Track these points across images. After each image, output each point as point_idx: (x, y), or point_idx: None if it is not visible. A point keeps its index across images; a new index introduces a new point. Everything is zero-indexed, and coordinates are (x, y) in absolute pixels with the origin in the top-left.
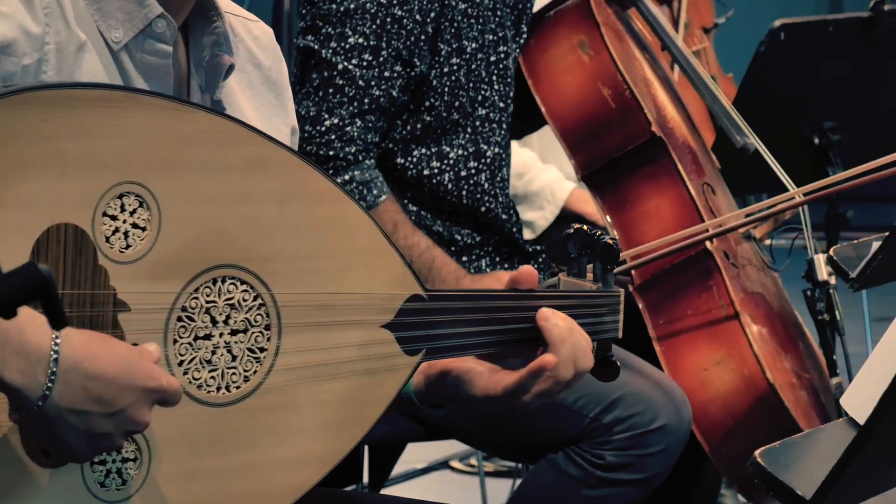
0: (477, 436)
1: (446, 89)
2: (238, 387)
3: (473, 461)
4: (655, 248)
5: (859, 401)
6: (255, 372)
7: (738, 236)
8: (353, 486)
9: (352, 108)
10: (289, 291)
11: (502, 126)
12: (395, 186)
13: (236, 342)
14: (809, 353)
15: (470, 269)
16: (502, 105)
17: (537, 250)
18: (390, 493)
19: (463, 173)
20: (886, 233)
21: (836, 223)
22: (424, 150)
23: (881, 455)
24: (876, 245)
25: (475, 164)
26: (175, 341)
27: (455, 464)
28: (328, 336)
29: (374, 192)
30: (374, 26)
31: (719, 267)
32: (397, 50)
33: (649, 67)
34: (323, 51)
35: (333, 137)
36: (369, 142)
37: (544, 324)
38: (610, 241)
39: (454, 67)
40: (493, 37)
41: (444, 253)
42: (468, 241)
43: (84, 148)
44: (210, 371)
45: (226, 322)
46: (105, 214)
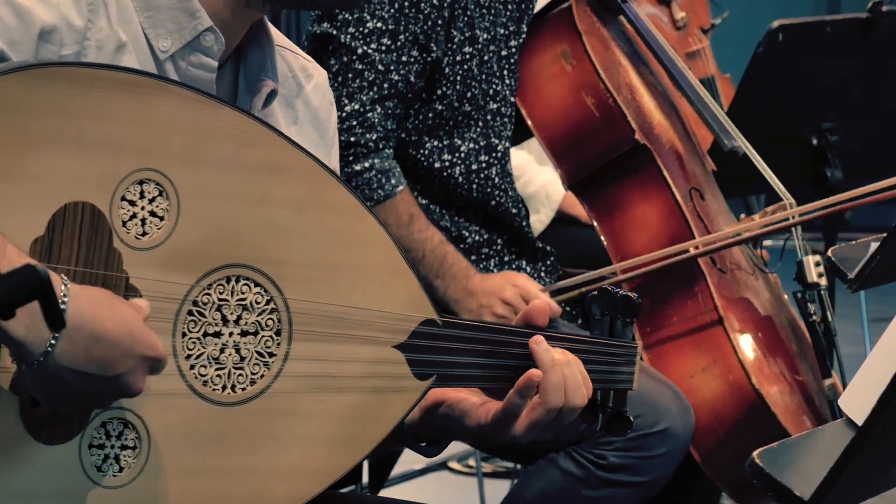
0: None
1: (458, 78)
2: (244, 388)
3: (472, 462)
4: (644, 263)
5: (857, 401)
6: (263, 375)
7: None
8: (352, 487)
9: (372, 93)
10: (302, 298)
11: (511, 121)
12: (406, 178)
13: (245, 343)
14: (803, 355)
15: (478, 269)
16: (512, 100)
17: (547, 251)
18: (388, 493)
19: (474, 167)
20: (885, 234)
21: (834, 224)
22: (436, 143)
23: (879, 456)
24: (874, 246)
25: (486, 158)
26: (184, 334)
27: (453, 464)
28: (338, 349)
29: (393, 181)
30: (392, 10)
31: (704, 273)
32: (414, 34)
33: (636, 73)
34: (341, 36)
35: (355, 123)
36: (389, 129)
37: (535, 347)
38: (631, 295)
39: (466, 56)
40: (504, 31)
41: (455, 249)
42: (476, 238)
43: (107, 129)
44: (217, 369)
45: (236, 322)
46: (124, 199)
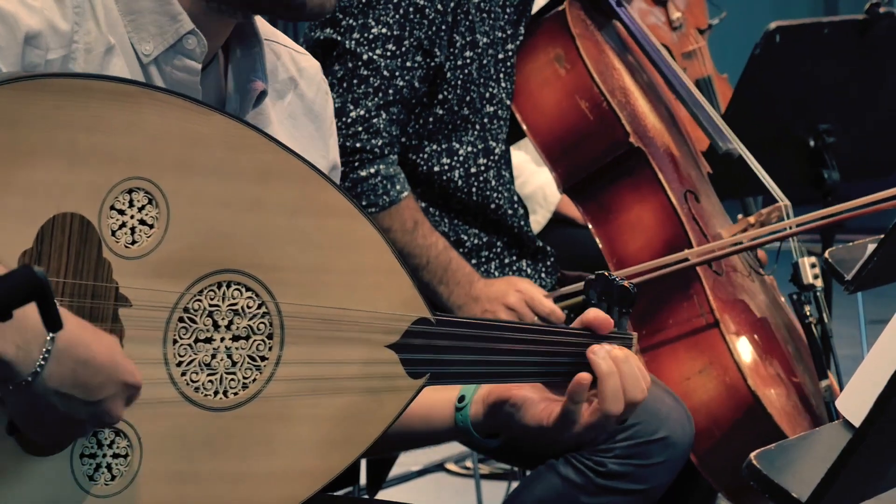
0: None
1: (459, 82)
2: (236, 393)
3: (469, 463)
4: (642, 272)
5: (855, 403)
6: (255, 380)
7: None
8: (349, 489)
9: (377, 98)
10: (294, 302)
11: (507, 124)
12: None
13: (237, 348)
14: (800, 357)
15: (478, 272)
16: (508, 103)
17: (547, 251)
18: (386, 495)
19: (472, 170)
20: (882, 235)
21: (831, 225)
22: (435, 146)
23: (876, 457)
24: (871, 248)
25: (484, 161)
26: (175, 341)
27: (450, 466)
28: (331, 351)
29: (398, 187)
30: (396, 16)
31: (699, 276)
32: (419, 40)
33: (630, 76)
34: (346, 42)
35: (360, 129)
36: (394, 135)
37: (592, 357)
38: (627, 284)
39: (467, 61)
40: (502, 34)
41: (459, 255)
42: (475, 241)
43: (96, 139)
44: (208, 375)
45: (228, 327)
46: (113, 208)
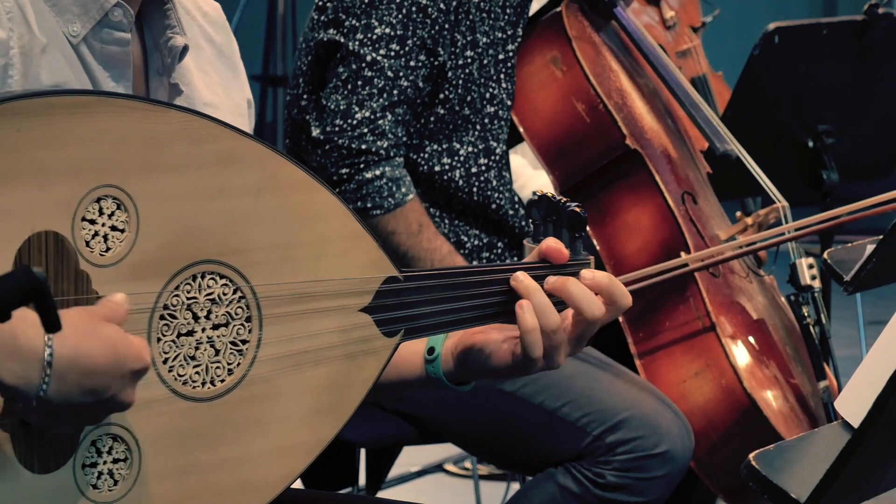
0: (475, 444)
1: (460, 82)
2: (223, 380)
3: (468, 464)
4: (641, 278)
5: (854, 404)
6: (239, 364)
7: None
8: (348, 489)
9: (382, 99)
10: (267, 283)
11: (507, 124)
12: None
13: (219, 336)
14: (798, 358)
15: None
16: (509, 103)
17: None
18: (385, 495)
19: (473, 170)
20: (881, 236)
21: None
22: (436, 146)
23: (876, 458)
24: (870, 248)
25: (485, 161)
26: (159, 339)
27: (449, 467)
28: (308, 324)
29: (403, 189)
30: (399, 16)
31: (696, 278)
32: (422, 39)
33: (627, 78)
34: (349, 43)
35: (366, 131)
36: (400, 136)
37: (513, 283)
38: (577, 209)
39: (468, 60)
40: (502, 34)
41: (464, 260)
42: (476, 242)
43: (60, 155)
44: (194, 367)
45: (207, 317)
46: (84, 219)
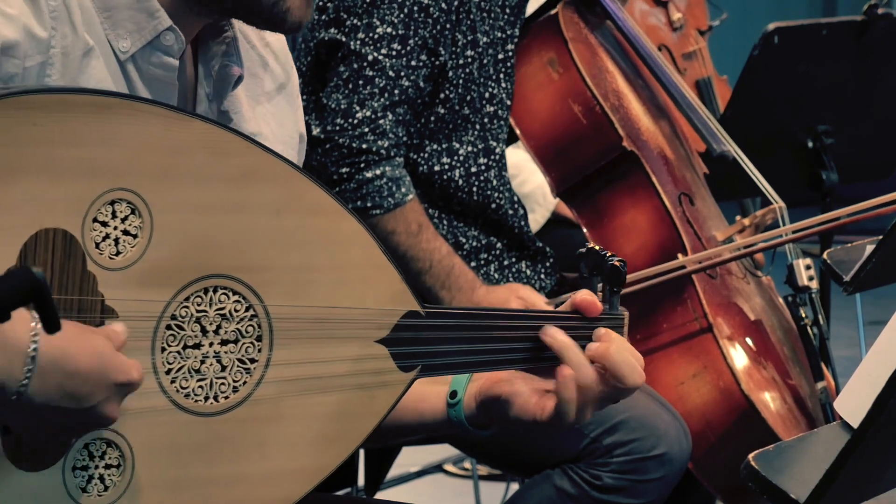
0: (474, 446)
1: (461, 81)
2: (226, 397)
3: (467, 464)
4: (636, 280)
5: (853, 404)
6: (245, 383)
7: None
8: (347, 490)
9: (383, 99)
10: (282, 304)
11: (507, 124)
12: None
13: (226, 352)
14: (796, 359)
15: (478, 275)
16: (509, 103)
17: (546, 252)
18: (384, 496)
19: (473, 170)
20: (880, 236)
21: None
22: (436, 146)
23: (875, 458)
24: (869, 249)
25: (485, 161)
26: (163, 349)
27: (449, 467)
28: (321, 350)
29: (403, 189)
30: (401, 15)
31: (692, 280)
32: (423, 39)
33: (624, 79)
34: (351, 42)
35: (367, 130)
36: (400, 136)
37: (546, 339)
38: (617, 264)
39: (468, 60)
40: (501, 34)
41: (462, 261)
42: (474, 243)
43: (76, 153)
44: (198, 380)
45: (216, 332)
46: (96, 220)
